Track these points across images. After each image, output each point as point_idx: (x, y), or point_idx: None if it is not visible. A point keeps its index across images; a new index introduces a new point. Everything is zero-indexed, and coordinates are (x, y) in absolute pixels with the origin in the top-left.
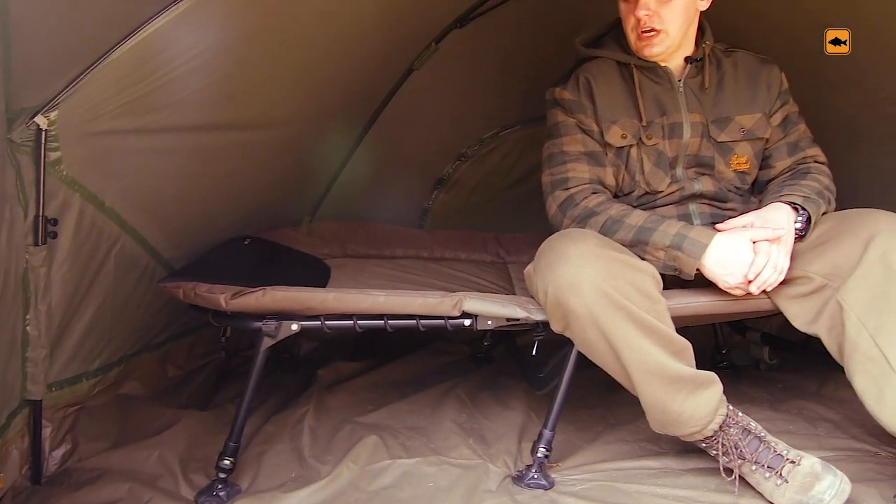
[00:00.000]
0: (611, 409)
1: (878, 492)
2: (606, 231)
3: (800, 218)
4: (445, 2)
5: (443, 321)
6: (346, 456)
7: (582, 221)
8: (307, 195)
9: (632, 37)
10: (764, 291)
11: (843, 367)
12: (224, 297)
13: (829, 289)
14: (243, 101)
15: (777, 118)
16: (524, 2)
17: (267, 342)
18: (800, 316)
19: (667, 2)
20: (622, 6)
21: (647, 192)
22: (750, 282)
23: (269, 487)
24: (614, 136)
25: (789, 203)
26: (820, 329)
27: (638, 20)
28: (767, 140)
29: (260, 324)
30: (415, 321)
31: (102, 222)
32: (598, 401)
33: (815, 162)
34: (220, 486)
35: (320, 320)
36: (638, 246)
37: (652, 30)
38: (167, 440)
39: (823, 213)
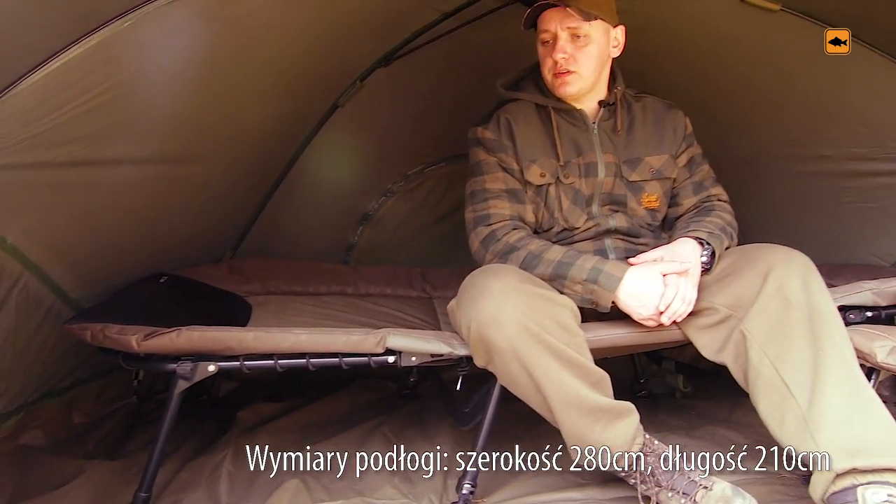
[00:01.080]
0: (536, 442)
1: None
2: (527, 266)
3: (705, 252)
4: (369, 41)
5: (366, 358)
6: (266, 502)
7: (503, 256)
8: (228, 231)
9: (549, 77)
10: (675, 322)
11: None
12: (136, 339)
13: (734, 319)
14: (163, 134)
15: (683, 159)
16: (445, 45)
17: (182, 385)
18: (708, 346)
19: (581, 47)
20: (540, 49)
21: (565, 229)
22: (661, 313)
23: None
24: (534, 175)
25: (695, 238)
26: (727, 357)
27: (555, 62)
28: (674, 180)
29: (174, 366)
30: (338, 359)
31: (3, 260)
32: (524, 433)
33: (719, 200)
34: None
35: (239, 360)
36: (557, 280)
37: (567, 71)
38: (70, 494)
39: (727, 248)
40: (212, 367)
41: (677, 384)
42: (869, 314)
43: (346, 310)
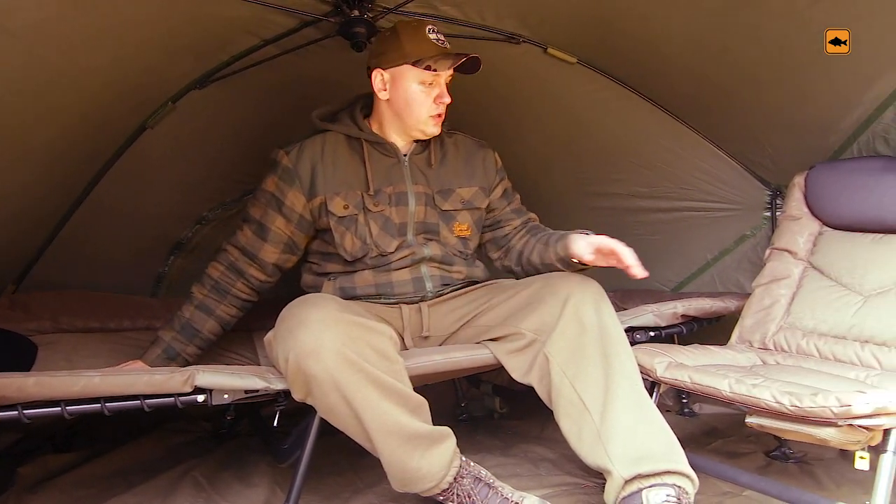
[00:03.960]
0: (359, 474)
1: None
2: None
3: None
4: (182, 62)
5: (173, 399)
6: None
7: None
8: (8, 261)
9: (424, 117)
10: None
11: None
12: None
13: (538, 343)
14: None
15: (498, 191)
16: (264, 71)
17: None
18: (517, 368)
19: None
20: (421, 90)
21: (379, 254)
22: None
23: None
24: (337, 207)
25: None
26: (533, 379)
27: (438, 105)
28: (493, 210)
29: None
30: (139, 402)
31: None
32: (348, 466)
33: (538, 222)
34: None
35: (17, 410)
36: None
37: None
38: None
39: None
40: None
41: (494, 406)
42: (651, 334)
43: None
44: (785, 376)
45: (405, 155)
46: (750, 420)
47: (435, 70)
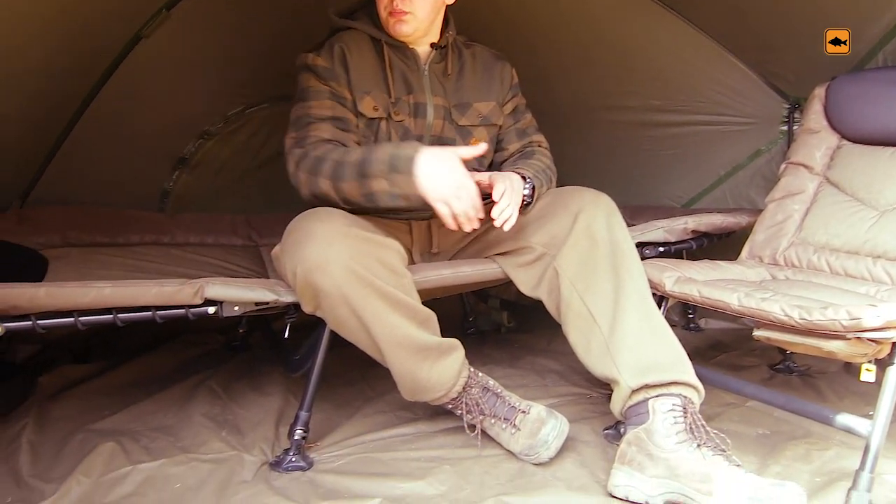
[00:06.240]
0: (370, 384)
1: (591, 427)
2: (337, 178)
3: (527, 186)
4: None
5: (184, 311)
6: (75, 469)
7: (314, 173)
8: (13, 177)
9: (383, 14)
10: (497, 259)
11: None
12: None
13: (548, 256)
14: None
15: (509, 108)
16: None
17: None
18: (525, 282)
19: None
20: None
21: None
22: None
23: None
24: (367, 107)
25: (519, 174)
26: (542, 293)
27: (391, 1)
28: (500, 127)
29: None
30: (150, 313)
31: None
32: (359, 376)
33: (539, 146)
34: None
35: (31, 320)
36: (363, 183)
37: (403, 11)
38: None
39: (547, 190)
40: None
41: (502, 320)
42: (661, 249)
43: (161, 261)
44: (795, 291)
45: (425, 64)
46: (757, 333)
47: None
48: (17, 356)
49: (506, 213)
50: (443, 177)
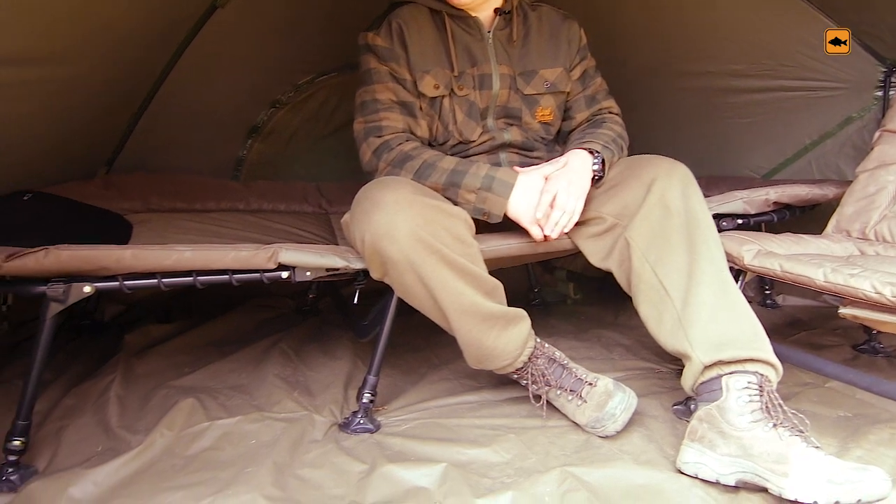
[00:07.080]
0: (435, 351)
1: (660, 402)
2: (420, 175)
3: (596, 161)
4: None
5: (258, 275)
6: (159, 422)
7: (398, 165)
8: (100, 145)
9: None
10: (564, 232)
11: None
12: None
13: (619, 227)
14: (5, 28)
15: (577, 72)
16: None
17: (55, 308)
18: (595, 253)
19: None
20: None
21: (460, 142)
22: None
23: (70, 465)
24: (427, 87)
25: (587, 149)
26: (612, 264)
27: None
28: (568, 94)
29: (44, 288)
30: (227, 276)
31: None
32: (424, 344)
33: (610, 113)
34: (10, 470)
35: (118, 281)
36: (451, 189)
37: None
38: None
39: (618, 159)
40: (87, 289)
41: (568, 292)
42: (739, 221)
43: (236, 227)
44: (886, 267)
45: (489, 31)
46: (843, 311)
47: None
48: (104, 315)
49: (556, 231)
50: (535, 203)
